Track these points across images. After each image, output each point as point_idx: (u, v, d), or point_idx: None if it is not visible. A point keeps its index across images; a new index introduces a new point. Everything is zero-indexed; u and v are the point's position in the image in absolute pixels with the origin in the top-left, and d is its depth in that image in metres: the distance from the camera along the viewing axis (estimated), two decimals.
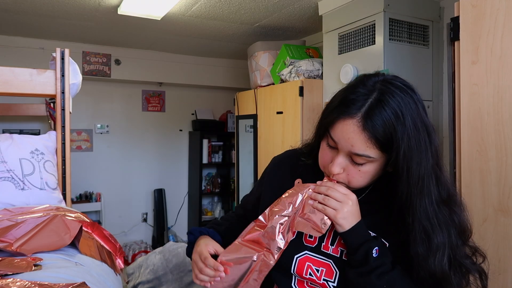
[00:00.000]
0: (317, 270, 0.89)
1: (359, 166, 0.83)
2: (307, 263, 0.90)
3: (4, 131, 3.46)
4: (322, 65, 2.71)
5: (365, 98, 0.80)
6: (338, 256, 0.89)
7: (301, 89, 2.67)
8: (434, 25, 2.35)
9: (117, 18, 2.98)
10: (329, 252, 0.90)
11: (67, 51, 1.87)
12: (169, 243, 1.37)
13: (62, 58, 1.85)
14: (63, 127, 1.87)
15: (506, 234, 1.28)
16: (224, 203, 4.78)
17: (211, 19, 3.03)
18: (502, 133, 1.29)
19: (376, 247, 0.82)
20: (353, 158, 0.82)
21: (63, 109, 1.86)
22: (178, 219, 4.65)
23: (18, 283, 0.84)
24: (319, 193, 0.85)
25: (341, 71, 2.41)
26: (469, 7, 1.39)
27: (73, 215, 1.36)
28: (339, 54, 2.51)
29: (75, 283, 0.88)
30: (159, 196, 4.45)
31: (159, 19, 2.93)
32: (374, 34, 2.24)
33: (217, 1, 2.65)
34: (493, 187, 1.32)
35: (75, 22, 3.15)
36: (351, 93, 0.83)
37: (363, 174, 0.84)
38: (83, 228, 1.29)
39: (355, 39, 2.39)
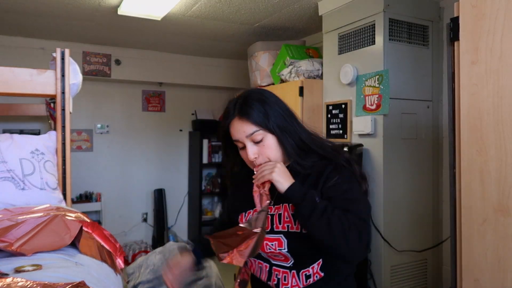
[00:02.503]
0: (272, 244, 1.15)
1: (262, 143, 1.14)
2: (264, 241, 1.15)
3: (4, 131, 3.45)
4: (322, 65, 2.71)
5: (233, 104, 1.17)
6: (286, 230, 1.14)
7: (301, 89, 2.67)
8: (434, 25, 2.35)
9: (117, 18, 2.98)
10: (279, 230, 1.15)
11: (67, 51, 1.87)
12: (169, 243, 1.36)
13: (62, 58, 1.85)
14: (63, 127, 1.87)
15: (506, 234, 1.28)
16: (224, 203, 4.78)
17: (211, 19, 3.03)
18: (502, 133, 1.29)
19: (315, 194, 1.07)
20: (253, 139, 1.14)
21: (63, 109, 1.86)
22: (178, 219, 4.65)
23: (19, 283, 0.85)
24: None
25: (341, 71, 2.41)
26: (469, 7, 1.39)
27: (73, 215, 1.36)
28: (339, 54, 2.51)
29: (74, 282, 0.88)
30: (159, 196, 4.45)
31: (159, 19, 2.93)
32: (374, 34, 2.24)
33: (217, 1, 2.65)
34: (493, 187, 1.32)
35: (75, 22, 3.15)
36: (225, 111, 1.20)
37: (270, 147, 1.15)
38: (83, 228, 1.29)
39: (355, 39, 2.39)
